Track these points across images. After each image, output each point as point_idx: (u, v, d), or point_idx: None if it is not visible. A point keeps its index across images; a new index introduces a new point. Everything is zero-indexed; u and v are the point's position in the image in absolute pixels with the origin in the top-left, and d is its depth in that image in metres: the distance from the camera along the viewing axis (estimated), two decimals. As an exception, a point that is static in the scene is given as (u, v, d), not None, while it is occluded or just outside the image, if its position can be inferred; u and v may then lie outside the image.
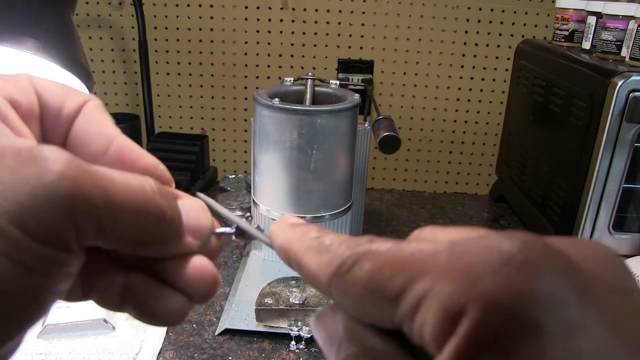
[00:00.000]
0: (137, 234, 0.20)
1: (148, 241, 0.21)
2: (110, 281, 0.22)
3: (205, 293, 0.23)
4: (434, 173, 1.23)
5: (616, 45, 0.81)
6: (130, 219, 0.19)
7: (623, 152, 0.75)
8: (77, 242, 0.18)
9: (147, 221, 0.20)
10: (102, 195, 0.18)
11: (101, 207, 0.18)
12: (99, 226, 0.18)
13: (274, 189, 0.68)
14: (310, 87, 0.73)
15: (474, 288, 0.15)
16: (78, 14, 1.13)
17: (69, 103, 0.23)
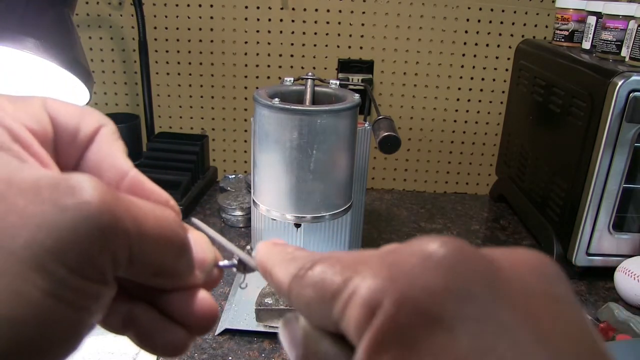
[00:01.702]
0: (159, 264, 0.20)
1: (167, 271, 0.21)
2: (114, 309, 0.22)
3: (205, 326, 0.23)
4: (434, 173, 1.23)
5: (616, 45, 0.81)
6: (157, 249, 0.20)
7: (623, 152, 0.75)
8: (112, 273, 0.18)
9: (170, 251, 0.21)
10: (134, 225, 0.18)
11: (134, 237, 0.18)
12: (130, 256, 0.18)
13: (274, 189, 0.67)
14: (310, 87, 0.73)
15: (392, 283, 0.16)
16: (78, 14, 1.13)
17: (84, 128, 0.22)
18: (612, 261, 0.81)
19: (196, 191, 1.07)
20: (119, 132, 0.23)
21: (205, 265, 0.23)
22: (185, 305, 0.23)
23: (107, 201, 0.17)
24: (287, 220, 0.68)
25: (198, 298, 0.23)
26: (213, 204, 1.07)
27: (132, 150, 1.08)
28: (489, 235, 1.01)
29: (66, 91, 0.73)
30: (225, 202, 0.99)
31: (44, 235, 0.16)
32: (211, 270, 0.24)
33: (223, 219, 1.00)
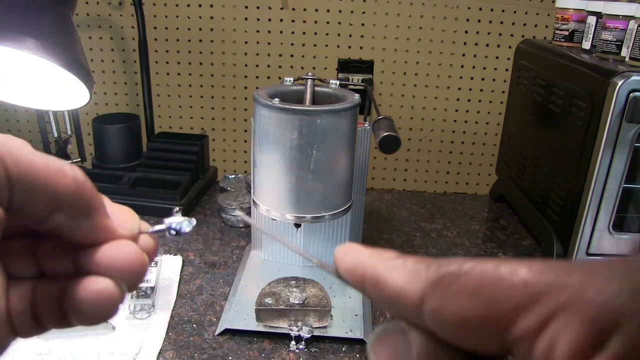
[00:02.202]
0: (52, 195, 0.21)
1: (67, 205, 0.21)
2: (49, 296, 0.23)
3: (130, 273, 0.23)
4: (434, 173, 1.23)
5: (616, 45, 0.81)
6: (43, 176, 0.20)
7: (623, 152, 0.75)
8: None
9: (62, 182, 0.21)
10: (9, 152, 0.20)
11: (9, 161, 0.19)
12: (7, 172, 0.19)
13: (274, 189, 0.67)
14: (310, 87, 0.73)
15: (629, 302, 0.13)
16: (78, 14, 1.13)
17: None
18: (612, 261, 0.81)
19: (196, 191, 1.07)
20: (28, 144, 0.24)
21: (126, 223, 0.24)
22: (105, 253, 0.23)
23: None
24: (287, 220, 0.68)
25: (118, 245, 0.23)
26: (213, 204, 1.07)
27: (132, 151, 1.08)
28: (489, 235, 1.01)
29: (66, 91, 0.73)
30: (225, 202, 0.99)
31: None
32: (135, 230, 0.24)
33: (223, 219, 1.00)
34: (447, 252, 0.94)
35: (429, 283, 0.17)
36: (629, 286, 0.14)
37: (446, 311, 0.17)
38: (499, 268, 0.16)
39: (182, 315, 0.74)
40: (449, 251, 0.94)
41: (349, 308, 0.73)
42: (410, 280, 0.18)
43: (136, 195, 1.01)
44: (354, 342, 0.69)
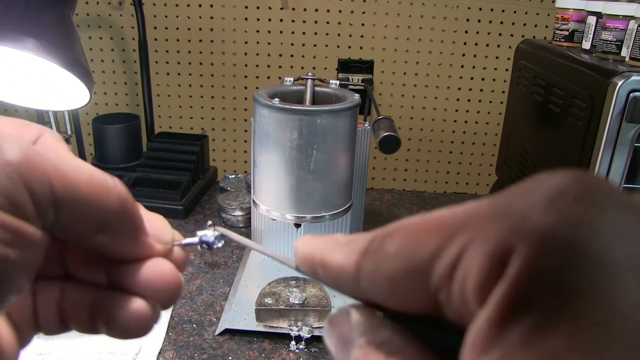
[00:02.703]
0: (97, 214, 0.20)
1: (110, 226, 0.21)
2: (80, 303, 0.23)
3: (167, 294, 0.23)
4: (434, 173, 1.23)
5: (616, 45, 0.81)
6: (89, 197, 0.20)
7: (623, 152, 0.75)
8: (36, 213, 0.19)
9: (107, 202, 0.21)
10: (55, 170, 0.19)
11: (55, 179, 0.19)
12: (55, 196, 0.19)
13: (274, 189, 0.67)
14: (310, 87, 0.73)
15: (524, 225, 0.13)
16: (78, 14, 1.13)
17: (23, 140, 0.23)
18: (612, 261, 0.81)
19: (196, 191, 1.07)
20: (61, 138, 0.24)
21: (161, 236, 0.24)
22: (143, 272, 0.23)
23: (21, 149, 0.18)
24: (287, 220, 0.68)
25: (155, 264, 0.23)
26: (213, 204, 1.07)
27: (132, 151, 1.08)
28: (489, 235, 1.01)
29: (66, 91, 0.73)
30: (225, 202, 0.99)
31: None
32: (170, 243, 0.24)
33: (223, 219, 1.00)
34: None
35: (361, 252, 0.17)
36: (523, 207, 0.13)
37: (377, 276, 0.17)
38: (419, 218, 0.16)
39: (182, 315, 0.74)
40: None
41: (349, 308, 0.73)
42: (347, 254, 0.18)
43: (136, 195, 1.00)
44: (354, 342, 0.69)
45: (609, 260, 0.12)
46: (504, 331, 0.12)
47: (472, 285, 0.14)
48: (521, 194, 0.14)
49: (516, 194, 0.14)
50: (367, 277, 0.17)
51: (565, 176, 0.14)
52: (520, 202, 0.14)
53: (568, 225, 0.13)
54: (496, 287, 0.13)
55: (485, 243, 0.14)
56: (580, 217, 0.13)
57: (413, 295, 0.16)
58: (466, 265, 0.14)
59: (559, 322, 0.12)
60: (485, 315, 0.13)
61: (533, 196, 0.14)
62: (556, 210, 0.13)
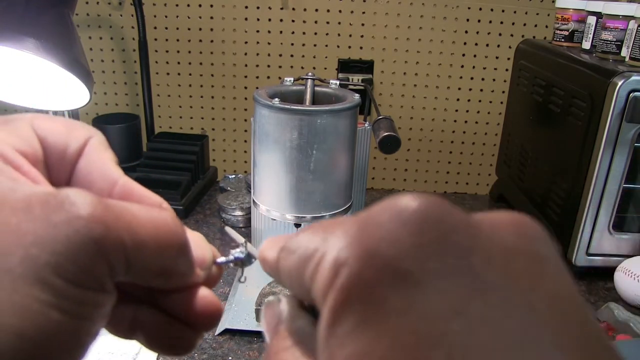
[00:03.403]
0: (159, 265, 0.21)
1: (168, 271, 0.21)
2: (120, 314, 0.23)
3: (209, 323, 0.24)
4: (434, 173, 1.23)
5: (616, 45, 0.81)
6: (155, 251, 0.20)
7: (623, 152, 0.75)
8: (110, 279, 0.19)
9: (169, 252, 0.21)
10: (128, 231, 0.19)
11: (129, 243, 0.19)
12: (127, 262, 0.19)
13: (274, 189, 0.67)
14: (310, 87, 0.73)
15: (358, 240, 0.15)
16: (78, 14, 1.13)
17: (72, 143, 0.23)
18: (612, 261, 0.81)
19: (196, 191, 1.07)
20: (107, 142, 0.24)
21: (205, 263, 0.24)
22: (188, 303, 0.23)
23: (98, 212, 0.18)
24: (287, 220, 0.68)
25: (200, 296, 0.23)
26: (213, 204, 1.07)
27: (132, 150, 1.08)
28: (489, 235, 1.01)
29: (66, 91, 0.73)
30: (225, 202, 0.99)
31: (38, 251, 0.17)
32: (211, 267, 0.24)
33: (223, 219, 1.00)
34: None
35: (278, 250, 0.20)
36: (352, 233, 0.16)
37: (282, 270, 0.19)
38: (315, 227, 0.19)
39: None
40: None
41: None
42: (274, 250, 0.20)
43: (136, 195, 1.00)
44: (354, 342, 0.69)
45: (419, 278, 0.14)
46: (334, 326, 0.15)
47: (319, 292, 0.16)
48: (373, 213, 0.16)
49: (371, 211, 0.16)
50: (280, 271, 0.20)
51: (411, 200, 0.16)
52: (367, 221, 0.16)
53: (388, 244, 0.15)
54: (327, 296, 0.15)
55: (331, 253, 0.16)
56: (400, 236, 0.15)
57: (301, 290, 0.18)
58: (319, 273, 0.16)
59: (370, 325, 0.14)
60: (322, 318, 0.16)
61: (378, 216, 0.16)
62: (386, 230, 0.15)
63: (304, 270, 0.17)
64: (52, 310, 0.17)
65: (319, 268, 0.16)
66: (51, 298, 0.17)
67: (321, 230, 0.18)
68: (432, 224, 0.15)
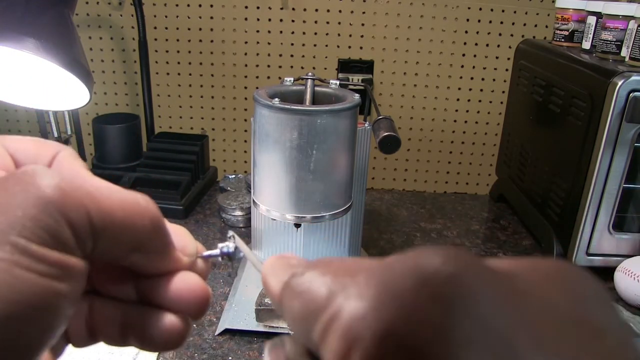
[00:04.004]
0: (132, 237, 0.21)
1: (143, 246, 0.21)
2: (111, 320, 0.23)
3: (198, 308, 0.24)
4: (434, 173, 1.23)
5: (616, 45, 0.81)
6: (123, 220, 0.20)
7: (623, 152, 0.75)
8: (77, 244, 0.19)
9: (140, 223, 0.21)
10: (89, 198, 0.19)
11: (91, 208, 0.19)
12: (92, 227, 0.19)
13: (274, 189, 0.67)
14: (310, 87, 0.73)
15: (377, 312, 0.13)
16: (78, 14, 1.13)
17: (42, 158, 0.23)
18: (612, 261, 0.81)
19: (196, 191, 1.07)
20: (77, 154, 0.24)
21: (186, 249, 0.24)
22: (172, 287, 0.23)
23: (55, 180, 0.19)
24: (287, 220, 0.68)
25: (184, 278, 0.23)
26: (213, 204, 1.07)
27: (132, 151, 1.08)
28: (489, 235, 1.01)
29: (66, 91, 0.73)
30: (225, 202, 0.99)
31: (4, 219, 0.18)
32: (194, 255, 0.25)
33: (223, 219, 1.00)
34: (447, 252, 0.94)
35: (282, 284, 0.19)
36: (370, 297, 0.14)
37: (285, 309, 0.18)
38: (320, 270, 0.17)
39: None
40: (449, 251, 0.94)
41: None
42: (277, 281, 0.19)
43: (136, 195, 1.00)
44: (354, 342, 0.69)
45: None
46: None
47: (329, 355, 0.15)
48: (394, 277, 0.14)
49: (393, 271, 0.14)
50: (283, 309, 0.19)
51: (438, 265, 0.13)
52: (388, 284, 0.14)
53: (411, 326, 0.13)
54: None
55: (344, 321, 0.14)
56: (427, 317, 0.13)
57: (308, 339, 0.17)
58: (329, 338, 0.15)
59: None
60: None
61: (401, 281, 0.14)
62: (410, 305, 0.13)
63: (312, 322, 0.16)
64: (18, 268, 0.17)
65: (330, 331, 0.15)
66: (17, 257, 0.17)
67: (331, 275, 0.16)
68: (463, 301, 0.13)
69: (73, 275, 0.19)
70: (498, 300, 0.13)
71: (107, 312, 0.23)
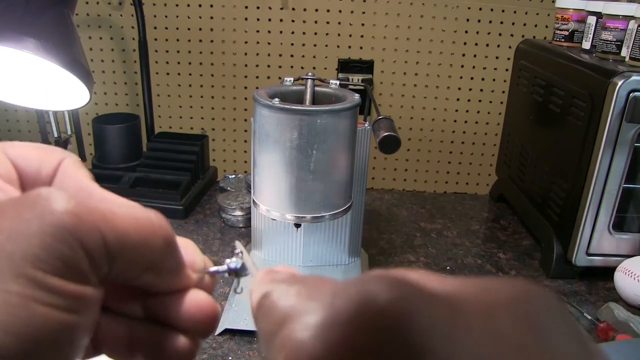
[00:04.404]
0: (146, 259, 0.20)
1: (156, 267, 0.21)
2: (116, 336, 0.23)
3: (207, 325, 0.23)
4: (434, 173, 1.23)
5: (616, 45, 0.81)
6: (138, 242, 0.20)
7: (623, 152, 0.75)
8: (92, 271, 0.18)
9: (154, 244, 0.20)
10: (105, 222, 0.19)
11: (108, 233, 0.18)
12: (108, 253, 0.19)
13: (274, 189, 0.67)
14: (310, 87, 0.73)
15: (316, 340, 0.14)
16: (78, 14, 1.13)
17: (45, 164, 0.23)
18: (612, 261, 0.81)
19: (196, 191, 1.07)
20: (81, 162, 0.24)
21: (195, 265, 0.24)
22: (182, 306, 0.23)
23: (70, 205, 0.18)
24: (287, 220, 0.68)
25: (194, 298, 0.23)
26: (213, 204, 1.07)
27: (132, 150, 1.08)
28: (489, 235, 1.01)
29: (66, 91, 0.73)
30: (225, 202, 0.99)
31: (13, 246, 0.17)
32: (203, 271, 0.24)
33: (223, 219, 1.00)
34: (447, 252, 0.94)
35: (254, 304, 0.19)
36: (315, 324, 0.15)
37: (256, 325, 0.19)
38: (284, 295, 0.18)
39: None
40: (449, 251, 0.94)
41: (349, 308, 0.73)
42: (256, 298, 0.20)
43: (136, 195, 1.00)
44: (354, 342, 0.69)
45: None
46: None
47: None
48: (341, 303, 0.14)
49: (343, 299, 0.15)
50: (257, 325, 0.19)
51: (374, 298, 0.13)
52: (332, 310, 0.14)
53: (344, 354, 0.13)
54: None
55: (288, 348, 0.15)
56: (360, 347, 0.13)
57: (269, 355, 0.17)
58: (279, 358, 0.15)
59: None
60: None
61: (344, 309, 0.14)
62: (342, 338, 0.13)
63: (271, 341, 0.16)
64: (34, 303, 0.17)
65: (281, 352, 0.15)
66: (32, 291, 0.17)
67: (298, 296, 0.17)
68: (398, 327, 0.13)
69: (89, 305, 0.18)
70: (435, 328, 0.13)
71: (113, 328, 0.23)
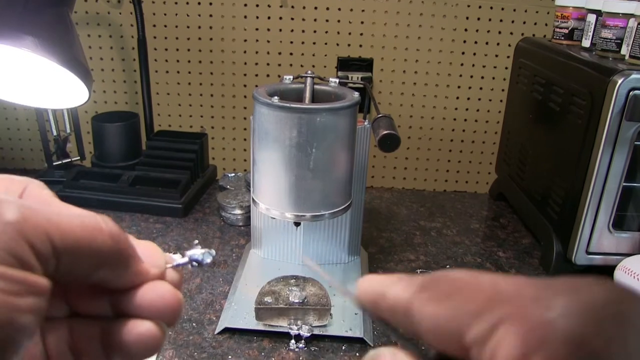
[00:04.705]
0: (95, 254, 0.22)
1: (107, 261, 0.22)
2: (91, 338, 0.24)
3: (170, 314, 0.24)
4: (433, 171, 1.23)
5: (616, 43, 0.81)
6: (84, 237, 0.21)
7: (623, 151, 0.75)
8: (38, 261, 0.20)
9: (102, 239, 0.22)
10: (47, 219, 0.20)
11: (51, 228, 0.20)
12: (53, 245, 0.20)
13: (274, 188, 0.67)
14: (309, 85, 0.73)
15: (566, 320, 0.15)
16: (77, 12, 1.13)
17: (11, 193, 0.24)
18: (612, 260, 0.81)
19: (195, 190, 1.06)
20: (45, 185, 0.25)
21: (154, 260, 0.25)
22: (145, 297, 0.24)
23: (17, 208, 0.20)
24: (287, 219, 0.68)
25: (155, 288, 0.24)
26: (212, 202, 1.07)
27: (131, 149, 1.08)
28: (489, 233, 1.01)
29: (65, 89, 0.73)
30: (224, 201, 0.99)
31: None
32: (163, 266, 0.26)
33: (222, 218, 1.00)
34: (447, 250, 0.94)
35: (415, 289, 0.20)
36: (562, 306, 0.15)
37: (425, 312, 0.19)
38: (470, 276, 0.19)
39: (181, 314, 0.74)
40: (448, 249, 0.94)
41: (348, 307, 0.73)
42: (405, 288, 0.21)
43: (135, 193, 1.00)
44: (353, 341, 0.69)
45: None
46: None
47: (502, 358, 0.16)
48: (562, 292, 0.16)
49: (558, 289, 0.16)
50: (417, 312, 0.20)
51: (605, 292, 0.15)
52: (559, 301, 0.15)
53: (598, 338, 0.14)
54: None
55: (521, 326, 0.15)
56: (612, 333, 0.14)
57: (451, 339, 0.18)
58: (499, 339, 0.16)
59: None
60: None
61: (572, 298, 0.15)
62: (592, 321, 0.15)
63: (467, 327, 0.17)
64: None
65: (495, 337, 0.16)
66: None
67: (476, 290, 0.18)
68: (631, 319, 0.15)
69: (34, 291, 0.20)
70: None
71: (87, 331, 0.24)
